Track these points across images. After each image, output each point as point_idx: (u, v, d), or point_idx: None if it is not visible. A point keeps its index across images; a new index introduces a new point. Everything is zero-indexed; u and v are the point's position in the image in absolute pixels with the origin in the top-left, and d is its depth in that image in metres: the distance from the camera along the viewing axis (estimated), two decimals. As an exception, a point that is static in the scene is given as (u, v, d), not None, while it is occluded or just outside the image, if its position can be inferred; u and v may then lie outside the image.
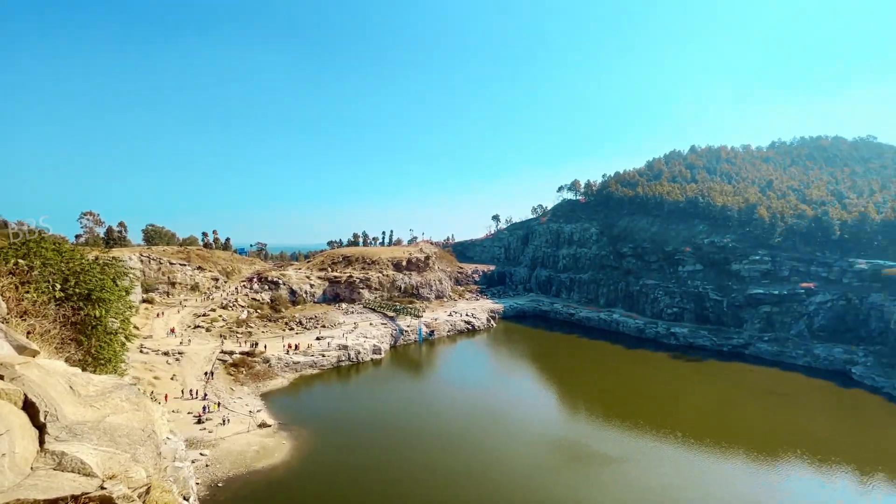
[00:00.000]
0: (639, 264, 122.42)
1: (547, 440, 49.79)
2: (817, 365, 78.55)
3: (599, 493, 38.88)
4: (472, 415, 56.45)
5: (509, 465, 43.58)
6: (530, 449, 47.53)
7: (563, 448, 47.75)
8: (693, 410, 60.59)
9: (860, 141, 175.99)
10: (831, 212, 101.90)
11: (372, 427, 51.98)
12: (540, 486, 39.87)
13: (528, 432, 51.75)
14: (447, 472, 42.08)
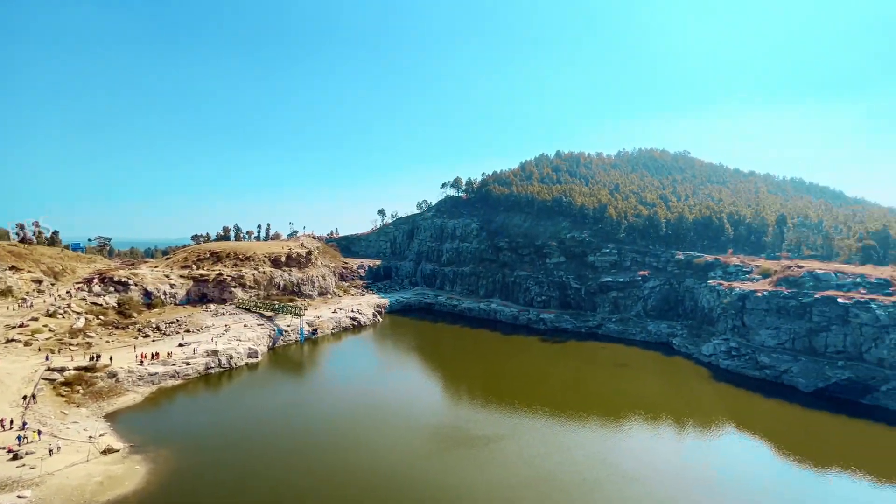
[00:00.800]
0: (514, 257, 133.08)
1: (431, 428, 51.64)
2: (650, 339, 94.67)
3: (479, 473, 41.59)
4: (357, 412, 55.83)
5: (394, 458, 44.22)
6: (415, 439, 48.81)
7: (445, 434, 50.00)
8: (558, 386, 68.39)
9: (679, 154, 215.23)
10: (660, 212, 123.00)
11: (248, 438, 48.07)
12: (424, 473, 41.31)
13: (413, 423, 53.06)
14: (331, 473, 41.05)
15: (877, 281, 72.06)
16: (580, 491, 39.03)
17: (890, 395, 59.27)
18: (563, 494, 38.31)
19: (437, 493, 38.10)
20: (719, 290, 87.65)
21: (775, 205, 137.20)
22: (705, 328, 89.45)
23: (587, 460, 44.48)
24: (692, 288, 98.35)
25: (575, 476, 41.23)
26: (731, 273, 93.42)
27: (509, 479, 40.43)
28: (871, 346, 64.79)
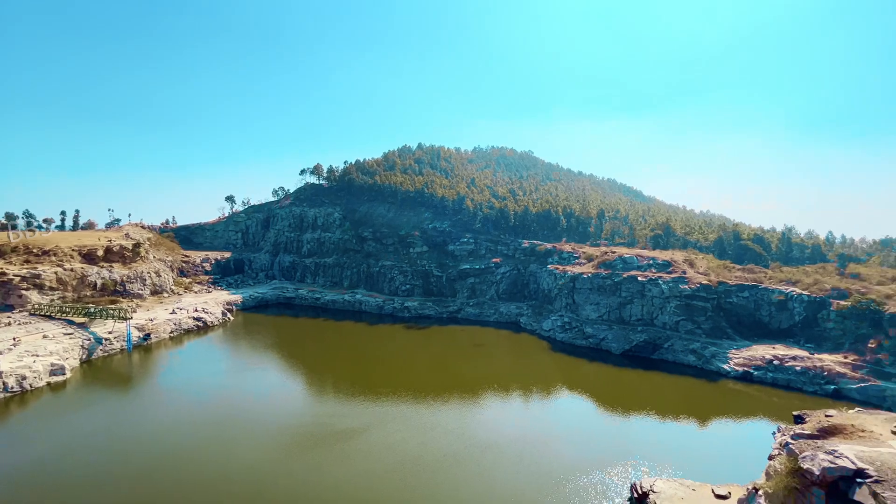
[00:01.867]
0: (378, 247, 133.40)
1: (293, 428, 49.32)
2: (502, 319, 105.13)
3: (343, 466, 41.37)
4: (207, 421, 50.16)
5: (252, 464, 41.16)
6: (276, 441, 46.08)
7: (309, 432, 48.36)
8: (422, 370, 71.57)
9: (525, 153, 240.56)
10: (509, 205, 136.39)
11: (42, 480, 38.95)
12: (286, 475, 39.45)
13: (273, 425, 49.91)
14: (181, 491, 36.34)
15: (662, 262, 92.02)
16: (441, 466, 41.74)
17: (669, 350, 76.81)
18: (426, 473, 40.46)
19: (302, 492, 36.81)
20: (556, 273, 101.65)
21: (597, 201, 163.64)
22: (546, 307, 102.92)
23: (447, 437, 47.70)
24: (535, 272, 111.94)
25: (437, 453, 43.98)
26: (565, 258, 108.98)
27: (374, 467, 41.04)
28: (658, 313, 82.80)
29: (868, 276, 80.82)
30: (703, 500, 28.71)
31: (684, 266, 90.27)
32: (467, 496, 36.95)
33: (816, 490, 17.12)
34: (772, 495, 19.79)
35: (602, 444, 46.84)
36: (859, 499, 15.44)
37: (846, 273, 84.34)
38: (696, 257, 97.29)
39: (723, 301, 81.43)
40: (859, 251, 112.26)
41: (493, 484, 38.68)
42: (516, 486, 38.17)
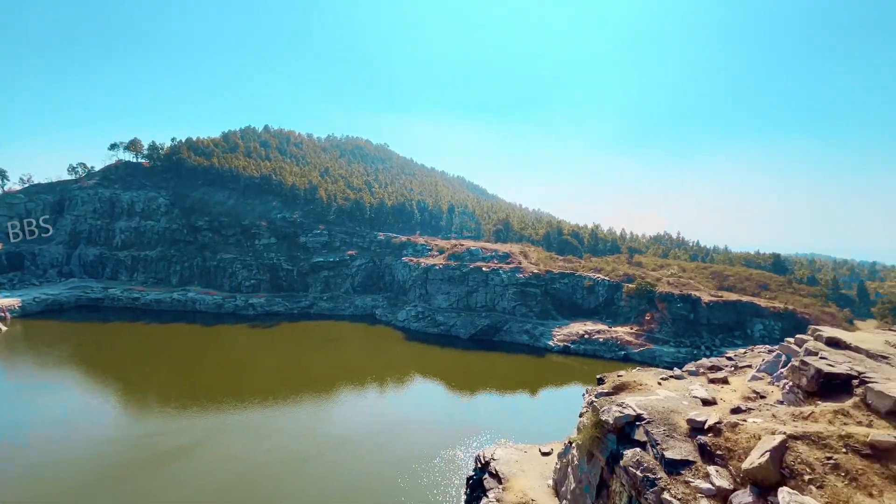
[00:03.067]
0: (216, 238, 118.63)
1: (100, 458, 41.03)
2: (358, 312, 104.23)
3: (171, 493, 36.32)
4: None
5: None
6: (74, 480, 37.75)
7: (123, 461, 40.85)
8: (270, 372, 66.58)
9: (380, 146, 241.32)
10: (365, 197, 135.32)
11: None
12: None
13: (68, 460, 40.68)
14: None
15: (503, 254, 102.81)
16: (290, 472, 39.51)
17: (507, 332, 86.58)
18: (271, 482, 37.77)
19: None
20: (410, 265, 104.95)
21: (448, 196, 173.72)
22: (401, 298, 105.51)
23: (298, 439, 45.53)
24: (391, 264, 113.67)
25: (285, 459, 41.57)
26: (419, 251, 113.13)
27: (209, 486, 36.68)
28: (499, 299, 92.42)
29: (646, 264, 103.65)
30: (532, 459, 33.48)
31: (520, 257, 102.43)
32: (318, 498, 35.98)
33: (610, 436, 21.41)
34: (581, 445, 24.11)
35: (452, 424, 50.51)
36: (637, 437, 19.74)
37: (633, 262, 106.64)
38: (529, 249, 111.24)
39: (549, 287, 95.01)
40: (641, 244, 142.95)
41: (349, 479, 38.47)
42: (371, 477, 38.71)
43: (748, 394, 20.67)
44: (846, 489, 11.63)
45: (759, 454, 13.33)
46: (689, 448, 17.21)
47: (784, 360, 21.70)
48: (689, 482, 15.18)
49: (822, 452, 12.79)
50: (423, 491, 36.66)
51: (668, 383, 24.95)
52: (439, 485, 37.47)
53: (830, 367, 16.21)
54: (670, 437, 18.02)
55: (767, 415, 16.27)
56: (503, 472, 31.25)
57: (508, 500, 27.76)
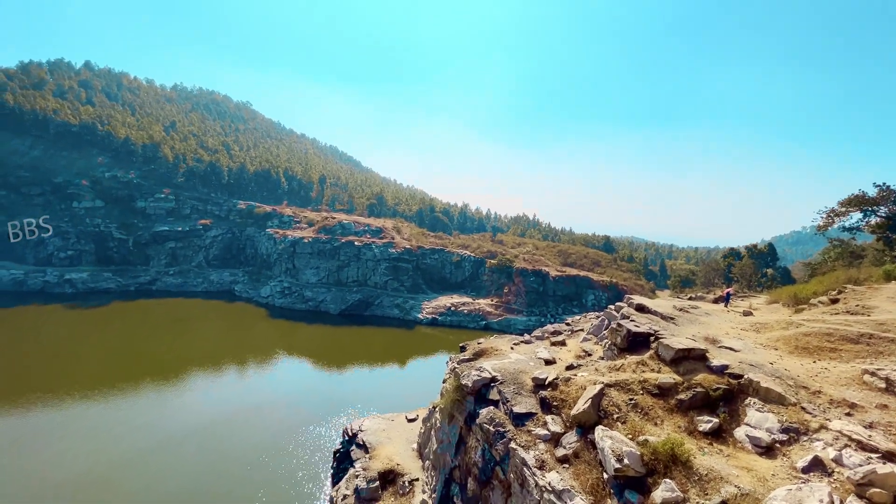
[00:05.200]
0: (14, 198, 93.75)
1: None
2: (213, 288, 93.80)
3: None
4: None
5: None
6: None
7: None
8: (96, 361, 56.37)
9: (242, 104, 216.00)
10: (222, 160, 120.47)
11: None
12: None
13: None
14: None
15: (376, 228, 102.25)
16: (122, 474, 34.30)
17: (379, 307, 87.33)
18: (96, 488, 32.39)
19: None
20: (275, 238, 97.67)
21: (319, 166, 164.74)
22: (264, 273, 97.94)
23: (134, 435, 39.51)
24: (253, 236, 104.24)
25: (117, 459, 35.92)
26: (285, 222, 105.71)
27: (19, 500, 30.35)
28: (371, 274, 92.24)
29: (507, 242, 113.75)
30: (399, 427, 34.94)
31: (393, 233, 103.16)
32: (162, 494, 32.26)
33: (469, 398, 23.43)
34: (443, 409, 25.95)
35: (320, 401, 49.50)
36: (492, 397, 21.97)
37: (496, 239, 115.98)
38: (403, 225, 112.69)
39: (420, 262, 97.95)
40: (504, 224, 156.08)
41: (193, 474, 34.64)
42: (225, 467, 35.82)
43: (580, 353, 24.54)
44: (640, 422, 14.81)
45: (583, 402, 16.09)
46: (533, 402, 19.86)
47: (606, 323, 26.20)
48: (530, 431, 17.58)
49: (627, 395, 16.01)
50: (289, 471, 35.58)
51: (519, 348, 28.17)
52: (306, 463, 36.76)
53: (637, 328, 20.15)
54: (518, 395, 20.53)
55: (592, 369, 19.62)
56: (370, 441, 32.03)
57: (374, 467, 28.65)
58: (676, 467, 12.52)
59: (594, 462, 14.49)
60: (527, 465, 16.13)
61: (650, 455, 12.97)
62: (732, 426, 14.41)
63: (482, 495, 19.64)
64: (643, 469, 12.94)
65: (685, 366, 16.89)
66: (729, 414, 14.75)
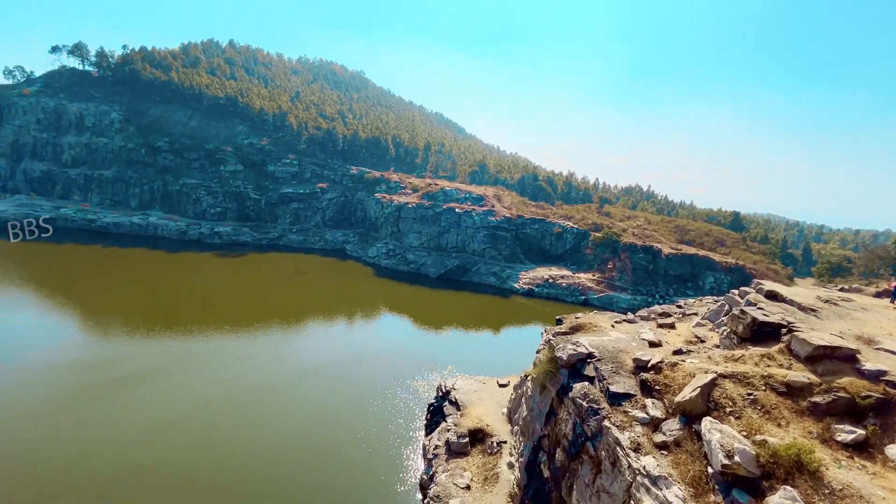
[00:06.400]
0: (178, 161, 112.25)
1: (59, 382, 40.98)
2: (328, 247, 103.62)
3: (133, 418, 36.83)
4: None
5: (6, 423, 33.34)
6: (28, 405, 37.82)
7: (84, 384, 40.94)
8: (236, 301, 66.57)
9: (356, 74, 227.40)
10: (338, 127, 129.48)
11: None
12: (49, 445, 33.36)
13: (23, 382, 40.50)
14: None
15: (477, 196, 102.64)
16: (253, 400, 39.72)
17: (476, 273, 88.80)
18: (234, 410, 37.83)
19: (77, 457, 30.81)
20: (383, 202, 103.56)
21: (425, 133, 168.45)
22: (372, 234, 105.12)
23: (263, 369, 45.91)
24: (363, 200, 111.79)
25: (249, 387, 41.97)
26: (392, 188, 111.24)
27: (172, 413, 36.39)
28: (470, 241, 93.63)
29: (614, 214, 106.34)
30: (490, 390, 35.91)
31: (493, 200, 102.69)
32: (276, 427, 36.35)
33: (563, 371, 23.02)
34: (535, 378, 25.92)
35: (417, 357, 52.79)
36: (587, 373, 21.34)
37: (602, 211, 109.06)
38: (504, 193, 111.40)
39: (519, 231, 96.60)
40: (612, 195, 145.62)
41: (308, 409, 39.22)
42: (333, 406, 40.00)
43: (691, 338, 22.45)
44: (759, 420, 13.22)
45: (691, 389, 14.80)
46: (632, 383, 18.85)
47: (727, 309, 23.45)
48: (627, 412, 16.79)
49: (745, 389, 14.33)
50: (391, 415, 38.99)
51: (620, 326, 26.69)
52: (402, 410, 39.90)
53: (765, 317, 17.70)
54: (616, 374, 19.62)
55: (704, 356, 17.86)
56: (462, 400, 33.48)
57: (465, 424, 29.98)
58: (801, 476, 11.03)
59: (697, 454, 13.41)
60: (620, 446, 15.54)
61: (768, 457, 11.59)
62: (884, 442, 12.17)
63: (570, 467, 19.52)
64: (757, 470, 11.65)
65: (825, 365, 14.52)
66: (881, 427, 12.45)
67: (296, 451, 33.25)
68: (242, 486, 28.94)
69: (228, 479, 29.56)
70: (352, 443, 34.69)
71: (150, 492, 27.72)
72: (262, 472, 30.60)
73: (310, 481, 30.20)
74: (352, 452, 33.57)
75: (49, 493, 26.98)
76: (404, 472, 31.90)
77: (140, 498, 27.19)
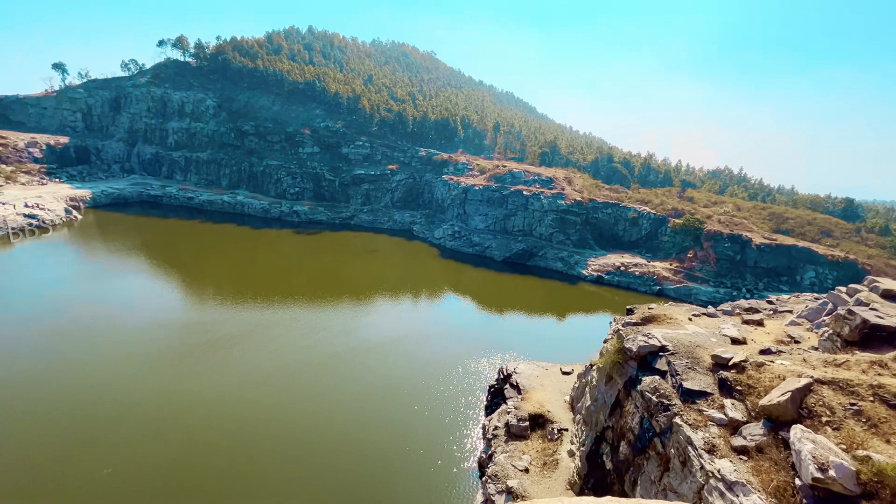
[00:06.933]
0: (262, 144, 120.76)
1: (164, 339, 46.75)
2: (396, 227, 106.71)
3: (222, 375, 40.95)
4: (52, 336, 44.77)
5: (118, 379, 38.85)
6: (142, 355, 43.49)
7: (184, 342, 46.36)
8: (312, 275, 71.16)
9: (427, 55, 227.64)
10: (408, 109, 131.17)
11: None
12: (155, 391, 38.23)
13: (138, 337, 46.60)
14: (35, 404, 33.20)
15: (546, 178, 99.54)
16: (324, 367, 42.77)
17: (542, 258, 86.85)
18: (308, 375, 41.12)
19: (176, 404, 35.27)
20: (450, 184, 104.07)
21: (494, 113, 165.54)
22: (438, 216, 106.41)
23: (334, 340, 48.96)
24: (430, 182, 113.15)
25: (321, 356, 44.96)
26: (459, 169, 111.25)
27: (255, 373, 40.16)
28: (537, 225, 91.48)
29: (698, 200, 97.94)
30: (552, 377, 35.35)
31: (563, 183, 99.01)
32: (346, 392, 38.94)
33: (632, 363, 21.98)
34: (601, 368, 25.05)
35: (479, 339, 53.22)
36: (658, 367, 20.19)
37: (684, 196, 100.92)
38: (575, 175, 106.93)
39: (590, 216, 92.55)
40: (697, 178, 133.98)
41: (375, 377, 41.49)
42: (398, 378, 41.96)
43: (782, 337, 20.32)
44: (863, 433, 11.70)
45: (779, 393, 13.43)
46: (709, 381, 17.53)
47: (830, 308, 20.86)
48: (702, 411, 15.68)
49: (847, 398, 12.72)
50: (449, 392, 39.96)
51: (699, 320, 24.81)
52: (462, 389, 40.66)
53: (879, 319, 15.49)
54: (691, 370, 18.35)
55: (798, 359, 16.09)
56: (523, 384, 33.32)
57: (525, 408, 29.87)
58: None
59: (783, 463, 12.22)
60: (692, 445, 14.61)
61: (871, 474, 10.26)
62: None
63: (635, 462, 18.77)
64: (856, 488, 10.37)
65: (955, 378, 12.46)
66: None
67: (361, 415, 35.42)
68: (316, 439, 32.02)
69: (305, 432, 32.67)
70: (413, 414, 36.14)
71: (241, 438, 31.13)
72: (332, 429, 33.11)
73: (376, 439, 32.15)
74: (413, 423, 34.99)
75: (160, 432, 31.27)
76: (463, 449, 32.68)
77: (233, 443, 30.62)
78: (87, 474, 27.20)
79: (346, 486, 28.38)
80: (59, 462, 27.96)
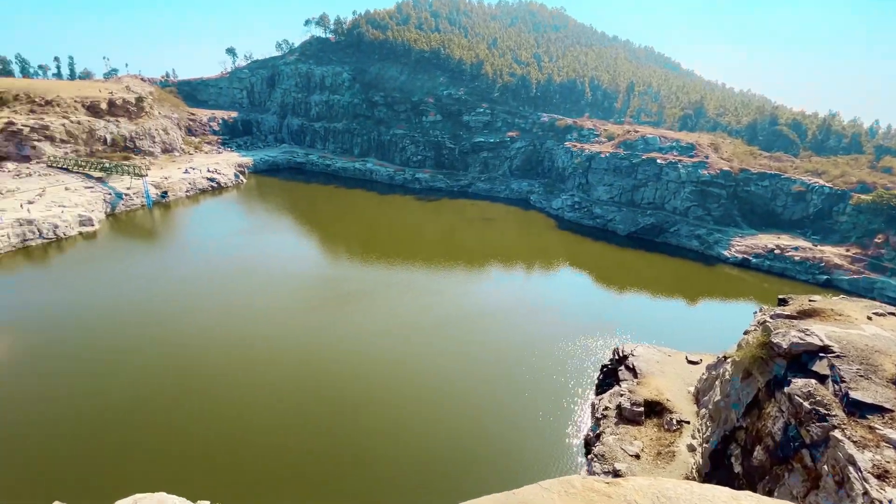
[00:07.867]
0: (389, 114, 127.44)
1: (303, 290, 53.63)
2: (513, 196, 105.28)
3: (345, 328, 45.76)
4: (221, 276, 54.45)
5: (269, 316, 45.92)
6: (285, 300, 50.52)
7: (317, 294, 52.65)
8: (431, 240, 74.60)
9: (556, 11, 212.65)
10: (532, 73, 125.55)
11: (106, 314, 44.36)
12: (298, 328, 44.22)
13: (283, 284, 54.15)
14: (211, 340, 41.46)
15: (686, 145, 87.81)
16: (438, 329, 45.05)
17: (673, 234, 78.11)
18: (422, 334, 43.56)
19: (306, 345, 40.59)
20: (573, 151, 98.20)
21: (628, 73, 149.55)
22: (558, 185, 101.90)
23: (448, 304, 51.30)
24: (551, 149, 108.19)
25: (436, 318, 47.39)
26: (584, 136, 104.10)
27: (375, 328, 43.68)
28: (671, 197, 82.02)
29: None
30: (675, 364, 32.23)
31: (708, 150, 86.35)
32: (456, 355, 40.45)
33: (779, 360, 18.88)
34: (738, 362, 21.99)
35: (594, 315, 50.74)
36: (816, 369, 17.04)
37: (878, 166, 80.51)
38: (724, 141, 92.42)
39: (740, 189, 79.73)
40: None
41: (484, 344, 42.32)
42: (508, 346, 42.25)
43: None
44: None
45: None
46: (889, 395, 14.25)
47: None
48: (874, 428, 12.89)
49: None
50: (560, 364, 39.21)
51: (882, 320, 20.10)
52: (573, 365, 39.51)
53: None
54: (864, 378, 15.06)
55: None
56: (641, 368, 31.05)
57: (641, 393, 27.92)
58: None
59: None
60: (855, 466, 12.16)
61: None
62: None
63: (772, 471, 16.39)
64: None
65: None
66: None
67: (470, 378, 36.84)
68: (428, 396, 34.57)
69: (417, 386, 35.51)
70: (521, 384, 36.38)
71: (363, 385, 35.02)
72: (441, 389, 35.19)
73: (483, 404, 33.33)
74: (519, 393, 35.29)
75: (291, 374, 36.79)
76: (570, 423, 32.05)
77: (355, 387, 34.64)
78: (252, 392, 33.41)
79: (451, 436, 30.06)
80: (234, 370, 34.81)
